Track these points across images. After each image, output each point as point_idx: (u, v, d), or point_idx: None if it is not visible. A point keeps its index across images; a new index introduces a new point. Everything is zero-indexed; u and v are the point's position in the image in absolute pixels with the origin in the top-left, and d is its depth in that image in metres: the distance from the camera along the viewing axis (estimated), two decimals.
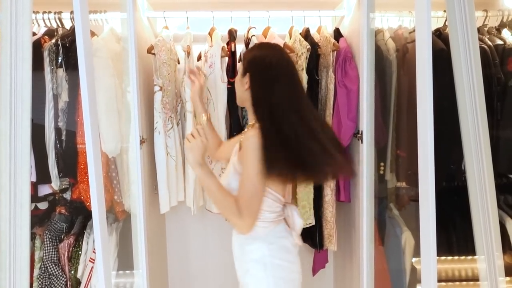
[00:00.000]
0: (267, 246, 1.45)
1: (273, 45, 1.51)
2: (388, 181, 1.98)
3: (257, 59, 1.44)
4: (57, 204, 2.08)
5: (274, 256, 1.46)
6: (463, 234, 1.91)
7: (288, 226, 1.51)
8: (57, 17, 1.97)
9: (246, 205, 1.36)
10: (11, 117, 1.61)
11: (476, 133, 1.40)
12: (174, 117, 2.09)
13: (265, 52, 1.44)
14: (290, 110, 1.35)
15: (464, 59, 1.58)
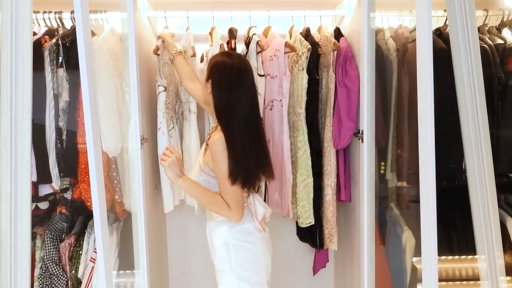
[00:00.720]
0: (228, 229, 1.64)
1: (235, 53, 1.66)
2: (389, 181, 1.98)
3: (219, 65, 1.55)
4: (57, 204, 2.08)
5: (235, 237, 1.64)
6: (463, 233, 1.91)
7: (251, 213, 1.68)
8: (58, 17, 1.97)
9: (230, 199, 1.55)
10: (11, 117, 1.61)
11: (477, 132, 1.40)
12: (174, 116, 2.10)
13: (226, 59, 1.55)
14: (243, 115, 1.52)
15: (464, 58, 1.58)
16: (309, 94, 1.98)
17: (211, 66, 1.58)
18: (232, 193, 1.54)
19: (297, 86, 2.00)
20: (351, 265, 2.15)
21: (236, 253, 1.64)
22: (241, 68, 1.54)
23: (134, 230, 1.87)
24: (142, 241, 1.86)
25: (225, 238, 1.64)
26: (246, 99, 1.53)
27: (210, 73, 1.57)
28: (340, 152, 2.06)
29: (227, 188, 1.53)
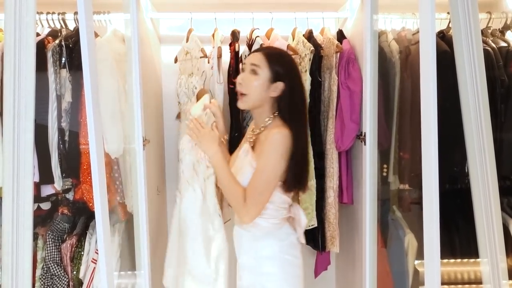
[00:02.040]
0: (278, 242, 1.52)
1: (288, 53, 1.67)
2: (391, 183, 1.97)
3: (293, 67, 1.51)
4: (59, 205, 2.08)
5: (284, 252, 1.53)
6: (466, 236, 1.91)
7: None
8: (61, 18, 1.97)
9: (255, 196, 1.43)
10: (14, 118, 1.61)
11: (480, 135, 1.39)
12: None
13: (292, 59, 1.56)
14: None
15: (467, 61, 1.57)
16: (312, 96, 1.98)
17: (281, 65, 1.48)
18: (261, 192, 1.44)
19: None
20: (353, 267, 2.14)
21: (285, 268, 1.54)
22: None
23: (136, 231, 1.87)
24: (144, 242, 1.86)
25: (273, 252, 1.53)
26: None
27: (280, 72, 1.47)
28: (342, 154, 2.05)
29: (260, 183, 1.43)
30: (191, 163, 1.57)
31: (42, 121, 1.86)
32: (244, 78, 1.49)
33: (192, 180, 1.57)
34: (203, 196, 1.56)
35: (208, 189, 1.57)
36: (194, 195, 1.55)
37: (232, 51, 2.05)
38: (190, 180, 1.58)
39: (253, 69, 1.47)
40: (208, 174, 1.56)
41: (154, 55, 2.22)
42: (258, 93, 1.47)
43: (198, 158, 1.56)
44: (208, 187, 1.58)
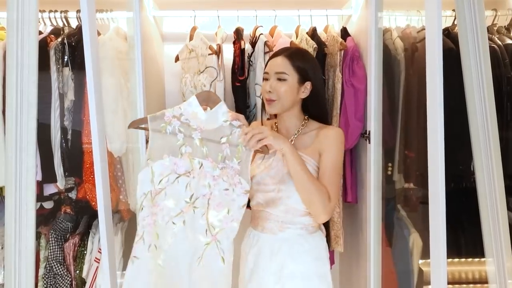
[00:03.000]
0: (323, 241, 1.52)
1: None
2: (396, 182, 1.96)
3: (316, 63, 1.49)
4: (62, 204, 2.08)
5: (326, 249, 1.53)
6: (471, 236, 1.89)
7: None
8: (63, 16, 1.97)
9: (336, 191, 1.39)
10: (17, 116, 1.60)
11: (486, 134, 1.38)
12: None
13: (311, 54, 1.58)
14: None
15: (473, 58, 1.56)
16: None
17: (305, 65, 1.44)
18: (338, 186, 1.40)
19: None
20: (357, 267, 2.13)
21: (328, 266, 1.51)
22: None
23: None
24: None
25: (320, 252, 1.48)
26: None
27: (307, 72, 1.43)
28: (346, 153, 2.04)
29: (337, 178, 1.40)
30: (221, 195, 1.31)
31: (45, 120, 1.85)
32: (273, 86, 1.41)
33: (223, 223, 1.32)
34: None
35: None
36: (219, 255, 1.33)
37: (237, 49, 2.03)
38: (218, 225, 1.31)
39: (280, 77, 1.41)
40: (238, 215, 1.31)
41: (157, 53, 2.21)
42: (289, 98, 1.42)
43: (231, 182, 1.31)
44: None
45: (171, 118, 1.30)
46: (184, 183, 1.30)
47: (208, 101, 1.36)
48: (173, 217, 1.29)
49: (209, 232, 1.30)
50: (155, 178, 1.29)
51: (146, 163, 1.29)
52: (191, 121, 1.32)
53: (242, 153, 1.32)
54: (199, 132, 1.31)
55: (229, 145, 1.32)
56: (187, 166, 1.29)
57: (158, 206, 1.29)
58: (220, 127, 1.33)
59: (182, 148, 1.30)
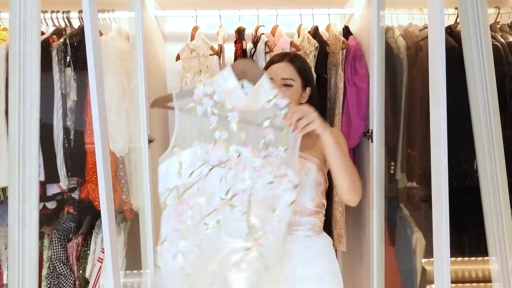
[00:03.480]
0: (329, 240, 1.48)
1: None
2: (399, 181, 1.95)
3: (311, 72, 1.52)
4: (65, 204, 2.08)
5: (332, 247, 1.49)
6: (475, 234, 1.88)
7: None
8: (66, 16, 1.97)
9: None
10: (19, 117, 1.60)
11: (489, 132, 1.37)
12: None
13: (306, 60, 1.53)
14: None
15: (476, 56, 1.55)
16: (318, 93, 1.96)
17: (306, 71, 1.45)
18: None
19: None
20: (360, 266, 2.12)
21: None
22: None
23: (142, 230, 1.87)
24: (150, 241, 1.85)
25: (330, 252, 1.43)
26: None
27: (308, 77, 1.45)
28: (349, 152, 2.03)
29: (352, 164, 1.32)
30: (264, 191, 1.09)
31: (47, 120, 1.85)
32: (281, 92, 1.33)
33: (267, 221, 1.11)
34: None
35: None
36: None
37: (239, 49, 2.03)
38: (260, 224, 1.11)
39: (287, 83, 1.38)
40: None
41: (158, 53, 2.21)
42: (294, 104, 1.33)
43: (276, 174, 1.09)
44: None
45: (201, 96, 1.08)
46: (218, 176, 1.09)
47: (246, 72, 1.12)
48: (205, 216, 1.09)
49: (250, 236, 1.08)
50: (184, 170, 1.08)
51: (172, 151, 1.08)
52: (227, 101, 1.09)
53: (289, 138, 1.10)
54: (236, 114, 1.09)
55: (273, 129, 1.09)
56: (222, 155, 1.09)
57: (188, 204, 1.09)
58: (263, 108, 1.11)
59: (216, 133, 1.09)
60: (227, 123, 1.09)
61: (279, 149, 1.09)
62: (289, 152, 1.09)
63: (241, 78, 1.11)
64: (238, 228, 1.09)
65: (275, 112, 1.10)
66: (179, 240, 1.10)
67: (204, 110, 1.08)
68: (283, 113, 1.10)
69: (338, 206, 2.02)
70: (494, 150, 1.37)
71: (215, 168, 1.09)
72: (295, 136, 1.10)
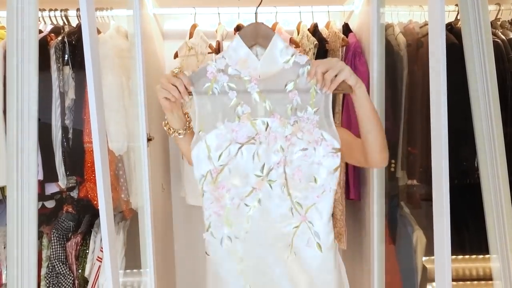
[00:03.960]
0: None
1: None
2: (399, 179, 1.94)
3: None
4: (64, 203, 2.07)
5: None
6: (476, 232, 1.88)
7: None
8: (64, 15, 1.96)
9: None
10: (18, 116, 1.60)
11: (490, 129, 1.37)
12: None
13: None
14: None
15: (477, 53, 1.54)
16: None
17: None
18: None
19: None
20: (361, 264, 2.12)
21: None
22: None
23: (141, 229, 1.86)
24: (149, 240, 1.85)
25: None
26: None
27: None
28: None
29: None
30: (299, 159, 1.04)
31: (46, 119, 1.84)
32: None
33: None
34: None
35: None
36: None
37: None
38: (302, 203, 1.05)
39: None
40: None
41: (157, 51, 2.20)
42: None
43: (310, 140, 1.03)
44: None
45: (215, 73, 1.03)
46: (250, 153, 1.04)
47: (257, 36, 1.06)
48: (245, 197, 1.05)
49: (295, 211, 1.03)
50: (213, 154, 1.04)
51: (198, 135, 1.04)
52: (242, 71, 1.04)
53: (318, 97, 1.02)
54: (255, 84, 1.03)
55: (298, 91, 1.02)
56: (249, 130, 1.04)
57: (224, 188, 1.05)
58: (282, 70, 1.04)
59: (238, 108, 1.04)
60: (247, 95, 1.03)
61: (308, 111, 1.02)
62: (321, 113, 1.02)
63: (252, 45, 1.05)
64: (281, 204, 1.04)
65: (297, 71, 1.02)
66: (222, 225, 1.06)
67: (221, 87, 1.03)
68: (306, 70, 1.01)
69: (338, 204, 2.01)
70: (495, 148, 1.36)
71: (245, 146, 1.03)
72: (325, 94, 1.01)
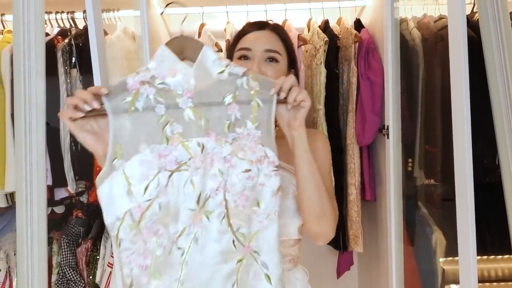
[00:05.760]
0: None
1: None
2: (417, 178, 1.88)
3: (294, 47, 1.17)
4: (73, 208, 2.05)
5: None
6: (498, 232, 1.82)
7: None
8: (70, 17, 1.94)
9: (333, 198, 1.03)
10: (25, 120, 1.58)
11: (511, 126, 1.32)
12: None
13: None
14: None
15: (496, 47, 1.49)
16: (329, 89, 1.90)
17: (292, 47, 1.17)
18: (333, 191, 1.12)
19: (316, 81, 1.92)
20: (377, 267, 2.06)
21: None
22: None
23: None
24: None
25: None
26: None
27: (294, 55, 1.16)
28: (363, 149, 1.98)
29: (330, 183, 1.10)
30: (241, 182, 0.87)
31: (54, 123, 1.82)
32: (262, 67, 1.05)
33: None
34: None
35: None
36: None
37: None
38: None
39: (272, 56, 1.06)
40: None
41: None
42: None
43: (252, 159, 0.88)
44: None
45: (138, 86, 0.84)
46: (181, 181, 0.85)
47: (185, 49, 0.91)
48: (176, 239, 0.84)
49: (238, 243, 0.86)
50: (135, 187, 0.83)
51: (111, 166, 0.83)
52: (172, 84, 0.86)
53: (261, 111, 0.88)
54: (189, 98, 0.86)
55: (238, 104, 0.87)
56: (181, 154, 0.85)
57: (151, 230, 0.83)
58: (218, 82, 0.88)
59: (167, 128, 0.85)
60: (179, 112, 0.85)
61: (249, 127, 0.87)
62: (262, 128, 0.87)
63: (180, 59, 0.89)
64: (221, 239, 0.85)
65: (235, 83, 0.88)
66: (150, 280, 0.83)
67: (145, 102, 0.84)
68: (245, 82, 0.88)
69: (353, 205, 1.96)
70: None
71: (176, 174, 0.84)
72: (267, 108, 0.88)
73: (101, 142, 0.86)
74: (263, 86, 0.89)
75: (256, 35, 1.09)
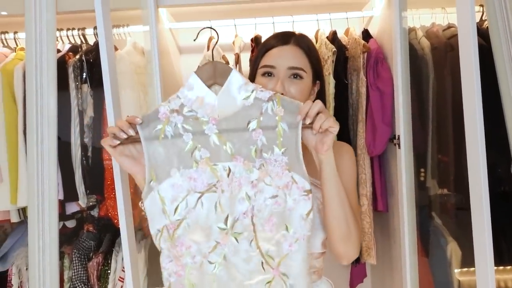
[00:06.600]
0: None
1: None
2: (430, 188, 1.86)
3: (319, 57, 1.16)
4: (85, 222, 2.05)
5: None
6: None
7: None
8: (81, 33, 1.96)
9: (358, 216, 1.05)
10: (37, 135, 1.59)
11: None
12: None
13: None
14: None
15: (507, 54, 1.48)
16: (338, 99, 1.90)
17: (317, 58, 1.15)
18: (358, 210, 1.13)
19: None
20: (391, 279, 2.02)
21: None
22: None
23: None
24: None
25: None
26: None
27: (320, 67, 1.17)
28: (375, 159, 1.96)
29: (356, 202, 1.08)
30: (268, 207, 0.91)
31: (65, 137, 1.83)
32: (286, 86, 1.04)
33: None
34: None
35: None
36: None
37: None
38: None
39: (297, 73, 1.06)
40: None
41: (174, 66, 2.18)
42: (301, 98, 1.05)
43: (280, 184, 0.91)
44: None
45: (168, 114, 0.92)
46: (211, 203, 0.91)
47: (216, 75, 0.95)
48: (208, 254, 0.91)
49: (266, 265, 0.90)
50: (168, 207, 0.91)
51: (149, 186, 0.91)
52: (199, 111, 0.92)
53: (286, 136, 0.90)
54: (214, 125, 0.91)
55: (263, 130, 0.90)
56: (209, 177, 0.91)
57: (183, 244, 0.92)
58: (242, 108, 0.92)
59: (195, 153, 0.91)
60: (205, 138, 0.91)
61: (276, 152, 0.90)
62: (290, 154, 0.90)
63: (211, 85, 0.95)
64: (250, 259, 0.90)
65: (260, 108, 0.91)
66: (184, 287, 0.93)
67: (174, 129, 0.92)
68: (270, 107, 0.91)
69: (366, 216, 1.94)
70: None
71: (205, 195, 0.91)
72: (294, 134, 0.90)
73: (138, 165, 0.94)
74: (288, 110, 0.91)
75: (280, 51, 1.08)
